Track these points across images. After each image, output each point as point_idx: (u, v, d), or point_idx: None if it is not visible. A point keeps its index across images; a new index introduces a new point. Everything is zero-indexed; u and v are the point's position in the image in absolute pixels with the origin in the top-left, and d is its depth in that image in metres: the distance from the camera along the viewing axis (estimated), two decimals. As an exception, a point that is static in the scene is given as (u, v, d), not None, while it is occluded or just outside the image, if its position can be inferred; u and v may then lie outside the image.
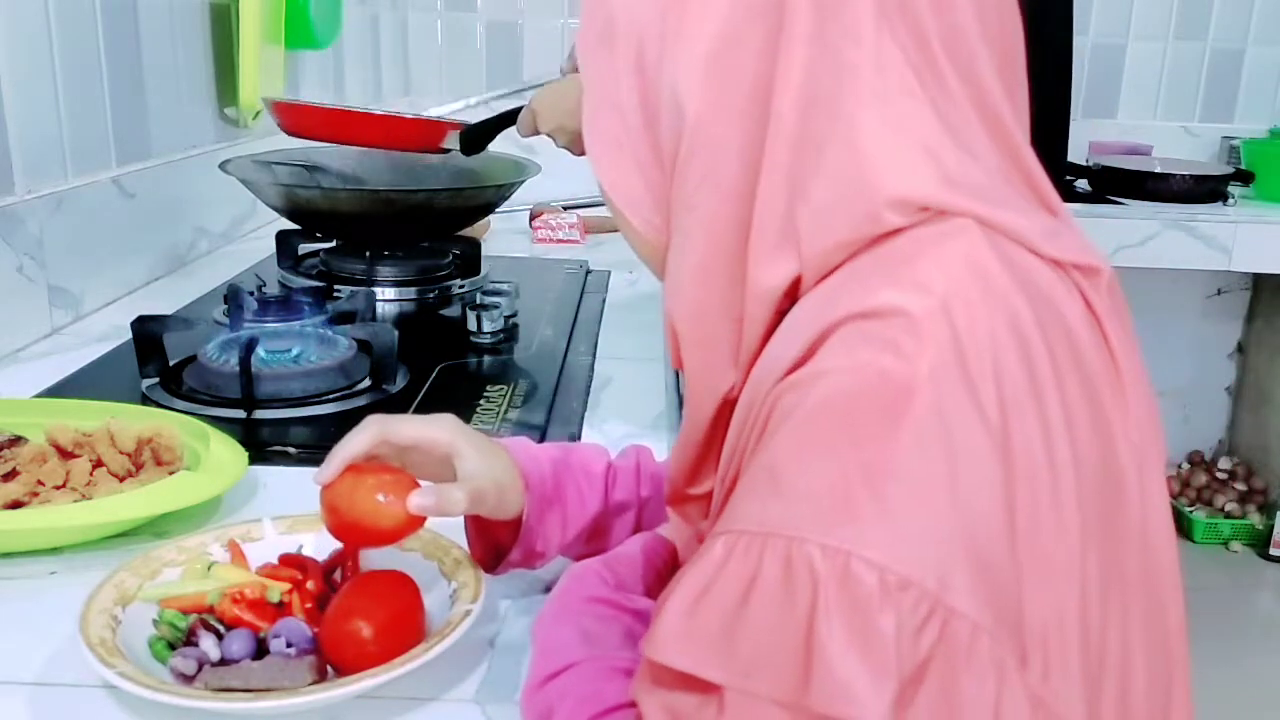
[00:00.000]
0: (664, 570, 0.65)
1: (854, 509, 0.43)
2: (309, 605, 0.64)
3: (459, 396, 1.05)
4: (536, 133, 1.28)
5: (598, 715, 0.52)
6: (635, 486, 0.74)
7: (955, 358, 0.45)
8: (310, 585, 0.65)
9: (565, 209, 1.84)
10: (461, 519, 0.71)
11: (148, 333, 1.04)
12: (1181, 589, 0.54)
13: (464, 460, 0.65)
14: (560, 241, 1.79)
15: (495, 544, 0.71)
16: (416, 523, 0.63)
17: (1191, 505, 3.01)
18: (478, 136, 1.33)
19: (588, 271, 1.56)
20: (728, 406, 0.56)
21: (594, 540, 0.72)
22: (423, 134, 1.39)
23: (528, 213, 1.86)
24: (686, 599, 0.46)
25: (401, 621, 0.61)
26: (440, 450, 0.66)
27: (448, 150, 1.36)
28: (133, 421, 0.84)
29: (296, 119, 1.40)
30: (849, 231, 0.50)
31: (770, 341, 0.53)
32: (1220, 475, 3.05)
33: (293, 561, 0.67)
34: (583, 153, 1.13)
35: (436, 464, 0.66)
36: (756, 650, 0.43)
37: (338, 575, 0.67)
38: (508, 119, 1.30)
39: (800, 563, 0.43)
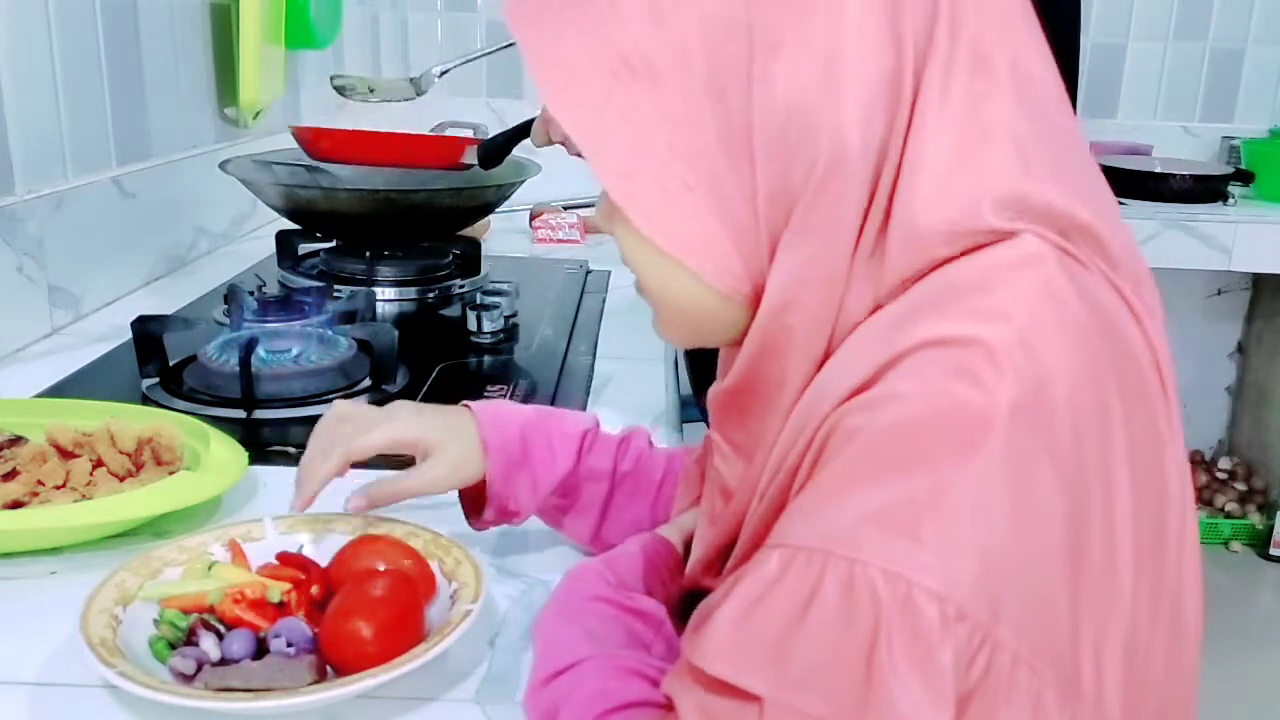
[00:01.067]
0: (663, 570, 0.65)
1: (917, 535, 0.43)
2: (306, 605, 0.64)
3: (459, 396, 1.03)
4: (550, 143, 1.27)
5: (607, 712, 0.51)
6: (614, 457, 0.75)
7: (1033, 393, 0.44)
8: (314, 589, 0.65)
9: (565, 209, 1.84)
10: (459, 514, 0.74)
11: (148, 333, 1.04)
12: (1203, 602, 0.54)
13: (426, 449, 0.70)
14: (560, 241, 1.79)
15: (476, 503, 0.73)
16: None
17: (1191, 505, 3.01)
18: (494, 151, 1.33)
19: (588, 271, 1.56)
20: None
21: (566, 497, 0.74)
22: (442, 151, 1.40)
23: (528, 213, 1.86)
24: (738, 609, 0.45)
25: (401, 621, 0.61)
26: (404, 448, 0.69)
27: (468, 166, 1.37)
28: (133, 421, 0.84)
29: (317, 141, 1.42)
30: (940, 246, 0.49)
31: (829, 364, 0.51)
32: (1220, 475, 3.05)
33: (293, 561, 0.67)
34: None
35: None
36: (810, 668, 0.43)
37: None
38: (522, 132, 1.30)
39: (862, 585, 0.43)
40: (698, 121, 0.49)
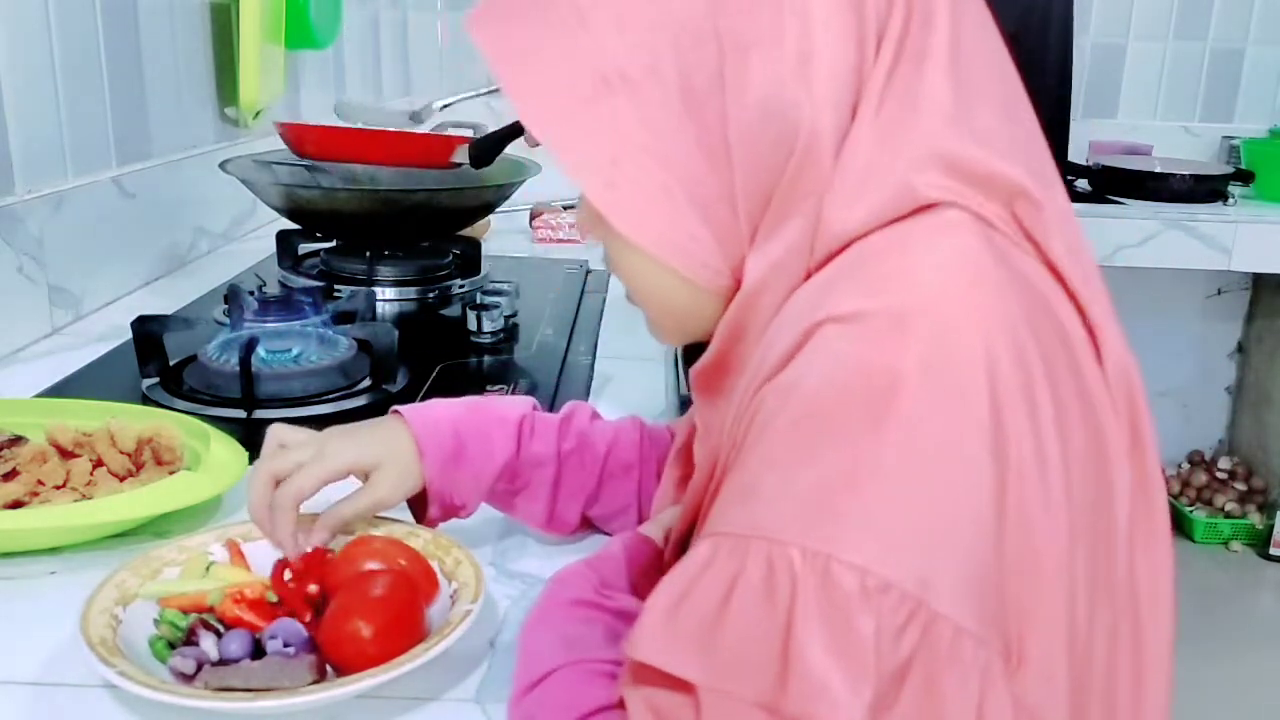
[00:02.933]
0: (647, 568, 0.65)
1: (836, 511, 0.43)
2: (302, 605, 0.64)
3: (459, 396, 1.04)
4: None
5: (588, 714, 0.52)
6: (556, 439, 0.75)
7: (942, 354, 0.44)
8: (313, 588, 0.65)
9: (565, 209, 1.84)
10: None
11: (148, 332, 1.04)
12: (1174, 600, 0.53)
13: (364, 472, 0.70)
14: (560, 241, 1.79)
15: (424, 505, 0.73)
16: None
17: (1191, 505, 3.01)
18: (486, 149, 1.32)
19: (588, 271, 1.56)
20: None
21: (514, 484, 0.74)
22: (431, 149, 1.38)
23: (528, 213, 1.86)
24: (669, 599, 0.46)
25: (401, 621, 0.61)
26: (343, 477, 0.69)
27: (458, 164, 1.36)
28: (133, 421, 0.84)
29: (303, 138, 1.40)
30: (861, 220, 0.50)
31: (762, 343, 0.52)
32: (1220, 475, 3.05)
33: (317, 557, 0.68)
34: None
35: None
36: (735, 651, 0.44)
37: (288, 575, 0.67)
38: (516, 129, 1.29)
39: (781, 565, 0.43)
40: (674, 128, 0.51)
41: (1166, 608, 0.53)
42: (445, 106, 1.63)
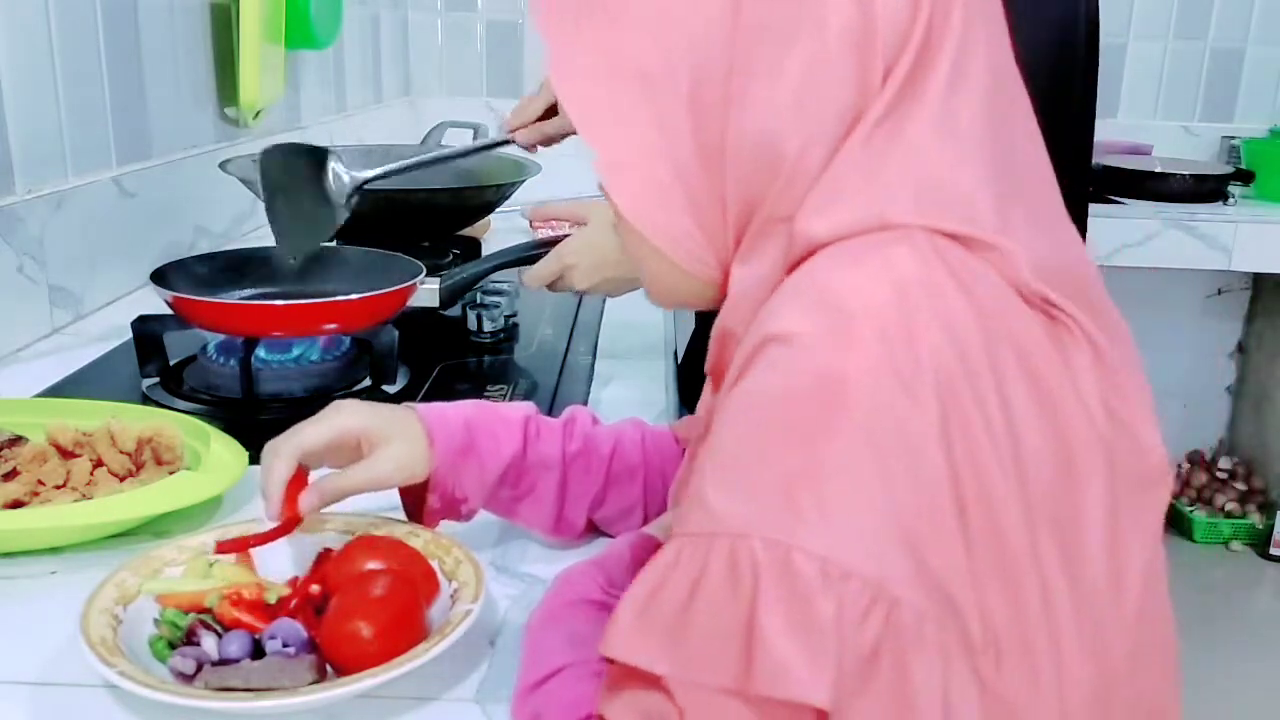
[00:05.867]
0: None
1: (795, 506, 0.45)
2: (303, 606, 0.64)
3: (459, 396, 1.04)
4: (566, 289, 1.13)
5: (594, 716, 0.52)
6: (561, 442, 0.75)
7: (886, 353, 0.46)
8: (313, 588, 0.65)
9: (565, 209, 1.83)
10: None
11: (148, 332, 1.04)
12: (1172, 622, 0.55)
13: (370, 442, 0.70)
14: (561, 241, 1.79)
15: (421, 499, 0.73)
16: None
17: (1191, 505, 3.01)
18: (455, 292, 1.21)
19: (588, 271, 1.56)
20: None
21: (519, 488, 0.74)
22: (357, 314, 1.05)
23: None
24: (638, 599, 0.48)
25: (401, 621, 0.61)
26: (352, 439, 0.70)
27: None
28: (133, 421, 0.84)
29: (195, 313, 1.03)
30: (846, 224, 0.51)
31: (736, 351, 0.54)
32: (1220, 475, 3.05)
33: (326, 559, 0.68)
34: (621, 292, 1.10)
35: (353, 451, 0.71)
36: (702, 643, 0.46)
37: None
38: (484, 273, 1.21)
39: (744, 558, 0.45)
40: (679, 129, 0.54)
41: (1160, 607, 0.53)
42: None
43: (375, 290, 1.02)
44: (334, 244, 1.30)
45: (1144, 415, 0.53)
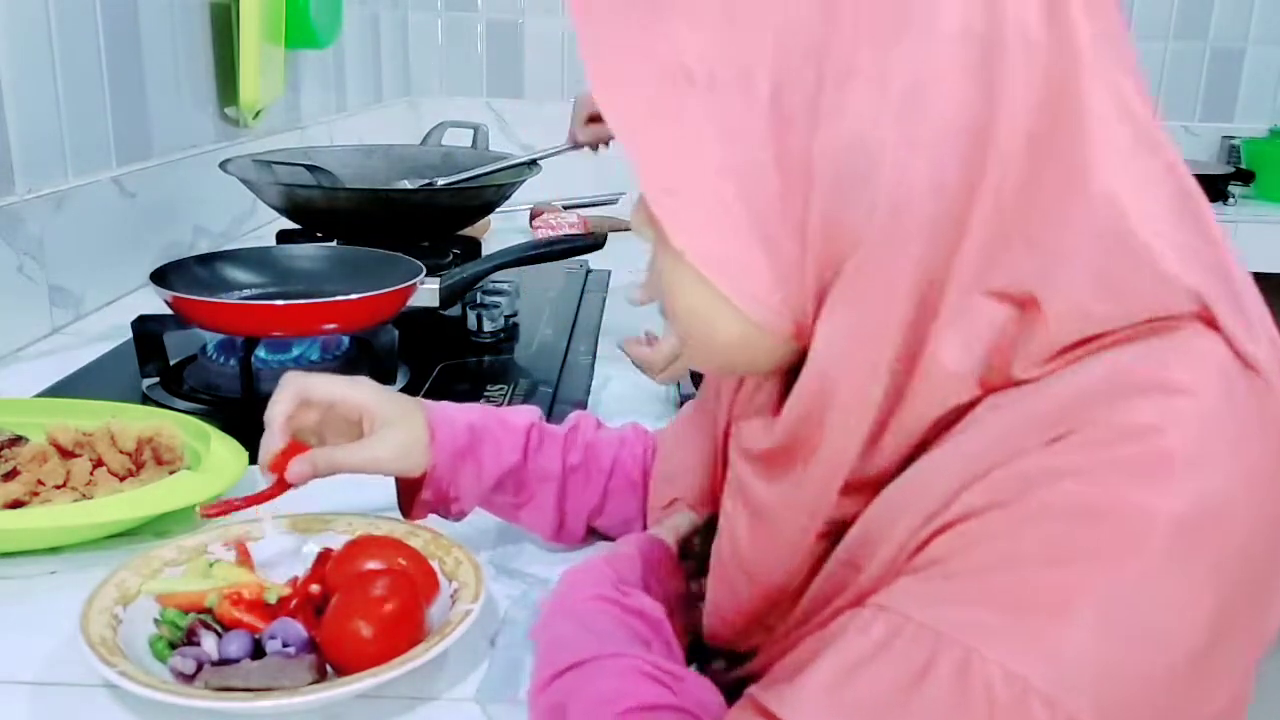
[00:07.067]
0: (660, 570, 0.65)
1: (1041, 635, 0.41)
2: (303, 606, 0.64)
3: (459, 396, 1.04)
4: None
5: (625, 713, 0.51)
6: (561, 453, 0.75)
7: (1205, 511, 0.41)
8: (314, 588, 0.65)
9: (565, 209, 1.84)
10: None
11: (148, 332, 1.04)
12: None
13: (372, 421, 0.70)
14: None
15: (415, 491, 0.73)
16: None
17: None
18: (455, 291, 1.22)
19: (588, 271, 1.56)
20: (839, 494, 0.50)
21: (520, 496, 0.74)
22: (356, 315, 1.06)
23: (528, 212, 1.86)
24: (835, 670, 0.44)
25: (401, 621, 0.61)
26: (353, 410, 0.70)
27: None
28: (133, 421, 0.84)
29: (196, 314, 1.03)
30: (1120, 317, 0.44)
31: (963, 433, 0.46)
32: (1220, 475, 3.05)
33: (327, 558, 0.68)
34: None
35: (351, 424, 0.71)
36: None
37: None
38: (482, 274, 1.22)
39: (978, 677, 0.41)
40: (754, 140, 0.45)
41: None
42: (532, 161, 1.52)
43: (375, 290, 1.03)
44: (334, 244, 1.30)
45: None
